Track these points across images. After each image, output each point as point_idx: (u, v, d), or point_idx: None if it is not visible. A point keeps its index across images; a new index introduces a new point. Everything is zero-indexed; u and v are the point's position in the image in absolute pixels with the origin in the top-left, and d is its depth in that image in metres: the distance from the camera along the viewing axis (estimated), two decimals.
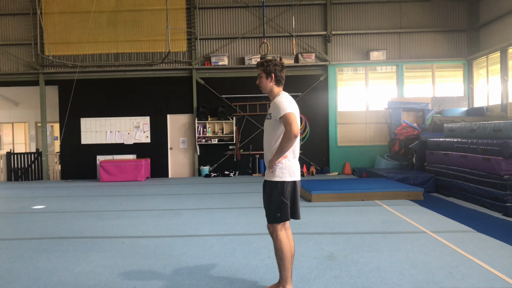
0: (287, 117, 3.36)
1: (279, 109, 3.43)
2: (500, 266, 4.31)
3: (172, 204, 8.57)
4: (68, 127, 14.06)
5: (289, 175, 3.50)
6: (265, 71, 3.63)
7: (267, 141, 3.63)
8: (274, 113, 3.50)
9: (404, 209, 7.53)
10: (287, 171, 3.50)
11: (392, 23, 14.04)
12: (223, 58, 13.95)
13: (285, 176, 3.49)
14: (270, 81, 3.63)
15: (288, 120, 3.34)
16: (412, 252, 4.87)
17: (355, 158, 13.97)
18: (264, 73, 3.64)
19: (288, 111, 3.38)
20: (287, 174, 3.50)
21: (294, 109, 3.47)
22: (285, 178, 3.49)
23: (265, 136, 3.68)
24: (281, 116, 3.40)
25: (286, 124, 3.35)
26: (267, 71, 3.62)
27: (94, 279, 4.19)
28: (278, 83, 3.65)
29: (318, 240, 5.46)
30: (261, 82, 3.67)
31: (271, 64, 3.62)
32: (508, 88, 11.63)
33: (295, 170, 3.56)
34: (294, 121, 3.34)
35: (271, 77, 3.62)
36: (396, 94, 14.01)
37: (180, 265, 4.58)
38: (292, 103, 3.52)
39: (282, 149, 3.38)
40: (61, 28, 14.22)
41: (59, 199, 9.73)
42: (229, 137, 14.02)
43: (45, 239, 5.87)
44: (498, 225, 6.23)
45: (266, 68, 3.62)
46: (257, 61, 3.72)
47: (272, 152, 3.53)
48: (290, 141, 3.33)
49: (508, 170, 7.06)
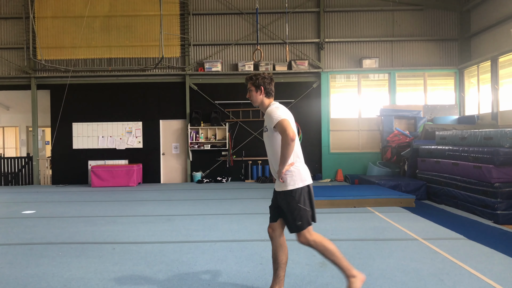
0: (280, 124, 3.38)
1: (272, 118, 3.46)
2: (490, 273, 4.33)
3: (163, 210, 8.53)
4: (59, 131, 13.97)
5: (300, 181, 3.50)
6: (254, 84, 3.68)
7: (270, 153, 3.64)
8: (269, 124, 3.53)
9: (396, 216, 7.55)
10: (298, 177, 3.50)
11: (384, 31, 14.16)
12: (217, 64, 13.97)
13: (297, 182, 3.49)
14: (259, 94, 3.68)
15: (282, 126, 3.36)
16: (404, 259, 4.88)
17: (347, 165, 14.01)
18: (253, 86, 3.69)
19: (281, 118, 3.41)
20: (298, 181, 3.49)
21: (287, 115, 3.48)
22: (297, 185, 3.49)
23: (267, 149, 3.69)
24: (274, 124, 3.43)
25: (281, 131, 3.36)
26: (256, 85, 3.67)
27: (84, 285, 4.14)
28: (268, 95, 3.70)
29: None
30: (251, 95, 3.72)
31: (260, 78, 3.67)
32: (499, 97, 11.75)
33: (305, 173, 3.56)
34: (288, 126, 3.35)
35: (261, 90, 3.67)
36: (388, 101, 14.11)
37: (172, 271, 4.55)
38: (284, 110, 3.55)
39: (284, 156, 3.38)
40: (54, 33, 14.17)
41: (49, 204, 9.64)
42: (222, 143, 14.01)
43: (35, 244, 5.81)
44: (488, 233, 6.26)
45: (255, 82, 3.67)
46: (246, 76, 3.75)
47: (277, 163, 3.52)
48: (289, 146, 3.33)
49: (499, 178, 7.11)
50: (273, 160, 3.62)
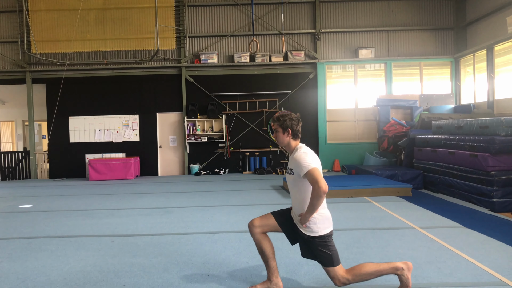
0: (312, 173, 3.28)
1: (301, 166, 3.36)
2: (487, 260, 4.37)
3: (162, 203, 8.55)
4: (56, 125, 13.92)
5: (323, 229, 3.44)
6: (282, 126, 3.58)
7: (295, 198, 3.57)
8: (297, 170, 3.43)
9: (393, 205, 7.59)
10: (321, 224, 3.44)
11: (380, 21, 14.13)
12: (213, 56, 13.92)
13: (320, 230, 3.44)
14: (286, 135, 3.59)
15: (314, 177, 3.26)
16: (401, 247, 4.91)
17: (344, 155, 14.05)
18: (280, 128, 3.59)
19: (312, 167, 3.31)
20: (321, 228, 3.44)
21: (317, 163, 3.41)
22: (320, 232, 3.44)
23: (291, 191, 3.62)
24: (305, 173, 3.33)
25: (313, 181, 3.27)
26: (284, 126, 3.57)
27: (83, 278, 4.16)
28: (294, 137, 3.61)
29: None
30: (277, 136, 3.63)
31: (288, 119, 3.57)
32: (495, 86, 11.77)
33: (328, 220, 3.50)
34: (319, 176, 3.26)
35: (288, 131, 3.58)
36: (385, 91, 14.11)
37: (171, 263, 4.57)
38: (314, 156, 3.46)
39: (313, 206, 3.31)
40: (48, 26, 14.07)
41: (47, 198, 9.64)
42: (219, 135, 14.00)
43: (33, 238, 5.82)
44: (485, 220, 6.31)
45: (283, 124, 3.57)
46: (273, 116, 3.67)
47: (301, 208, 3.49)
48: (320, 198, 3.27)
49: (495, 166, 7.15)
50: (297, 204, 3.55)
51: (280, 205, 7.86)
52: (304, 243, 3.53)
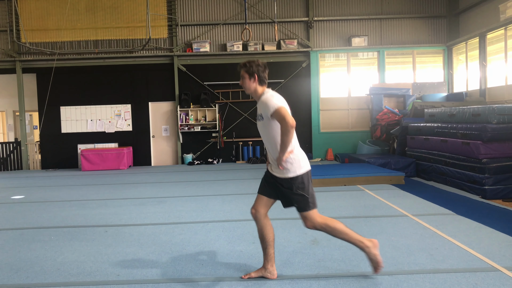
0: (278, 111, 3.32)
1: (268, 106, 3.40)
2: (478, 247, 4.42)
3: (155, 192, 8.53)
4: (47, 116, 13.81)
5: (299, 168, 3.49)
6: (248, 71, 3.58)
7: (267, 141, 3.60)
8: (265, 112, 3.46)
9: (386, 193, 7.64)
10: (297, 164, 3.49)
11: (373, 9, 14.07)
12: (205, 45, 13.82)
13: (297, 170, 3.48)
14: (253, 81, 3.59)
15: (281, 114, 3.31)
16: (394, 235, 4.95)
17: (337, 144, 14.08)
18: (247, 73, 3.59)
19: (278, 106, 3.35)
20: (298, 168, 3.48)
21: (283, 103, 3.44)
22: (298, 172, 3.48)
23: (263, 138, 3.64)
24: (272, 113, 3.37)
25: (280, 119, 3.31)
26: (250, 72, 3.57)
27: (77, 268, 4.15)
28: (261, 83, 3.61)
29: (302, 225, 5.49)
30: (244, 83, 3.63)
31: (254, 65, 3.57)
32: (487, 74, 11.81)
33: (304, 160, 3.55)
34: (286, 113, 3.31)
35: (254, 77, 3.58)
36: (378, 80, 14.11)
37: (164, 252, 4.58)
38: (279, 97, 3.49)
39: (284, 144, 3.35)
40: (37, 15, 13.87)
41: (39, 188, 9.59)
42: (212, 125, 13.96)
43: (26, 229, 5.79)
44: (476, 208, 6.37)
45: (249, 69, 3.57)
46: (240, 63, 3.67)
47: (276, 151, 3.51)
48: (289, 133, 3.30)
49: (487, 154, 7.20)
50: (271, 148, 3.58)
51: None
52: (283, 191, 3.58)
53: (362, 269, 3.88)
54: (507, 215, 5.84)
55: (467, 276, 3.64)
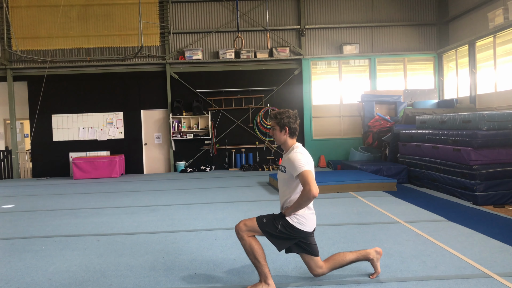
0: (305, 176, 3.29)
1: (295, 166, 3.36)
2: (470, 253, 4.45)
3: (148, 201, 8.49)
4: (39, 124, 13.69)
5: (299, 224, 3.47)
6: (279, 124, 3.55)
7: (283, 194, 3.59)
8: (290, 169, 3.43)
9: (378, 200, 7.67)
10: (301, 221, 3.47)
11: (364, 17, 14.20)
12: (197, 53, 13.84)
13: (295, 224, 3.46)
14: (284, 134, 3.56)
15: (307, 179, 3.28)
16: (387, 242, 4.97)
17: (329, 151, 14.12)
18: (277, 125, 3.56)
19: (305, 169, 3.32)
20: (297, 224, 3.46)
21: (311, 166, 3.41)
22: (295, 224, 3.47)
23: (281, 187, 3.63)
24: (298, 174, 3.34)
25: (305, 183, 3.28)
26: (281, 124, 3.54)
27: (68, 278, 4.12)
28: (292, 136, 3.58)
29: None
30: (274, 134, 3.61)
31: (285, 117, 3.54)
32: (477, 81, 11.94)
33: (309, 221, 3.51)
34: (312, 180, 3.28)
35: (285, 130, 3.55)
36: (369, 87, 14.21)
37: (157, 261, 4.55)
38: (308, 158, 3.46)
39: (299, 206, 3.35)
40: (29, 22, 13.82)
41: (30, 197, 9.50)
42: (205, 132, 13.95)
43: (17, 239, 5.73)
44: (468, 214, 6.41)
45: (280, 121, 3.54)
46: (270, 113, 3.67)
47: (287, 203, 3.52)
48: (308, 200, 3.30)
49: (477, 160, 7.27)
50: (283, 199, 3.58)
51: (267, 201, 7.89)
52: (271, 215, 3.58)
53: (354, 277, 3.89)
54: (498, 221, 5.89)
55: (459, 283, 3.66)
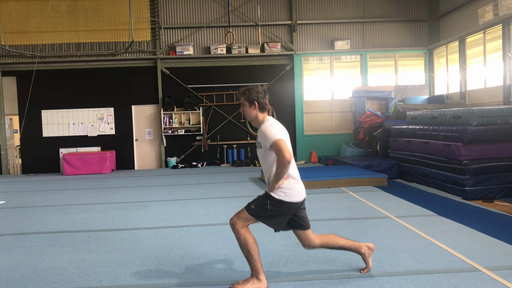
0: (277, 144, 3.31)
1: (267, 137, 3.38)
2: (459, 247, 4.49)
3: (138, 196, 8.46)
4: (28, 119, 13.58)
5: (286, 196, 3.46)
6: (248, 99, 3.55)
7: (265, 169, 3.59)
8: (263, 142, 3.45)
9: (369, 195, 7.71)
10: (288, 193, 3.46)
11: (356, 12, 14.22)
12: (188, 48, 13.78)
13: (283, 197, 3.45)
14: (253, 109, 3.56)
15: (278, 147, 3.30)
16: (377, 237, 5.00)
17: (321, 147, 14.16)
18: (247, 101, 3.56)
19: (277, 138, 3.34)
20: (285, 196, 3.45)
21: (283, 135, 3.42)
22: (283, 198, 3.45)
23: (262, 164, 3.63)
24: (270, 144, 3.36)
25: (277, 151, 3.31)
26: (250, 100, 3.54)
27: (59, 275, 4.09)
28: (262, 110, 3.58)
29: None
30: (244, 110, 3.61)
31: (253, 92, 3.54)
32: (467, 77, 12.03)
33: (296, 192, 3.51)
34: (284, 147, 3.29)
35: (255, 105, 3.55)
36: (360, 83, 14.25)
37: (148, 257, 4.54)
38: (280, 128, 3.47)
39: (278, 175, 3.36)
40: (17, 17, 13.65)
41: (20, 193, 9.42)
42: (196, 128, 13.91)
43: (6, 235, 5.68)
44: (458, 209, 6.47)
45: (249, 97, 3.55)
46: (239, 90, 3.65)
47: (271, 178, 3.52)
48: (284, 167, 3.31)
49: (467, 155, 7.33)
50: (267, 175, 3.58)
51: None
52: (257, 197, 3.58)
53: (345, 272, 3.91)
54: (487, 216, 5.95)
55: (449, 277, 3.70)
